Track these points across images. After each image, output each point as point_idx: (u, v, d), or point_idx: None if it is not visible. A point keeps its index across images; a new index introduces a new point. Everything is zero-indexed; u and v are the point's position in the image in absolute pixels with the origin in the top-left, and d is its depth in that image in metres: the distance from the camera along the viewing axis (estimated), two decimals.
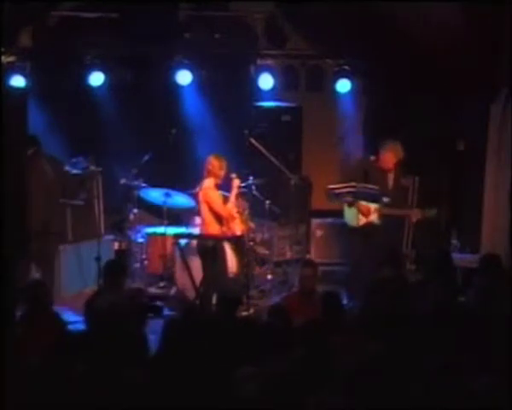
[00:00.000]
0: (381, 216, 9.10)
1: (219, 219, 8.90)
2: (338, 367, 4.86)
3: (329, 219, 10.60)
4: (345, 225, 9.39)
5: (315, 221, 10.86)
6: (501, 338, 5.48)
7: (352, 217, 9.15)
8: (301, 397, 4.54)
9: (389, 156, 9.09)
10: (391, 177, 9.15)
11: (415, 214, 9.14)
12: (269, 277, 10.29)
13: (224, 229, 8.97)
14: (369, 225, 9.11)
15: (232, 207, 9.02)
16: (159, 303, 9.21)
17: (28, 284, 7.28)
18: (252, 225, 9.71)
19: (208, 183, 8.89)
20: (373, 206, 9.09)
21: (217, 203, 8.87)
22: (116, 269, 7.56)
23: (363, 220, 9.12)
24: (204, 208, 8.92)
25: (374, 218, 9.11)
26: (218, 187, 8.98)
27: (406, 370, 4.93)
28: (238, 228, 9.23)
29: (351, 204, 9.13)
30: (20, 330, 6.53)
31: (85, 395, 4.81)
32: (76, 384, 4.91)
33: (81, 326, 8.32)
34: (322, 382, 4.74)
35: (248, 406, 4.57)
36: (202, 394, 4.79)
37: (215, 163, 8.88)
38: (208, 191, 8.88)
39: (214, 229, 8.91)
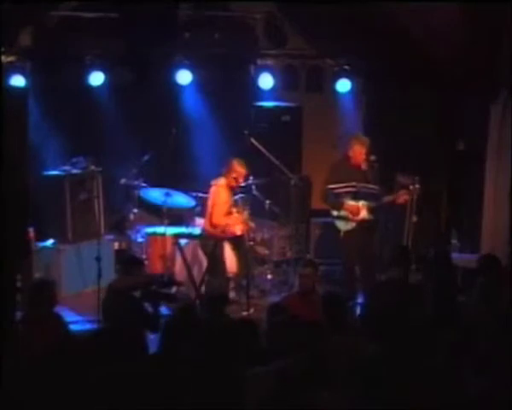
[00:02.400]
0: (372, 211, 9.09)
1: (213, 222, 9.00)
2: (338, 367, 4.86)
3: (329, 219, 10.58)
4: (335, 227, 9.36)
5: (315, 221, 10.86)
6: (501, 338, 5.49)
7: (342, 221, 9.15)
8: (301, 397, 4.54)
9: (359, 149, 9.07)
10: (366, 171, 9.11)
11: (401, 196, 9.12)
12: (269, 277, 10.30)
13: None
14: (364, 222, 9.10)
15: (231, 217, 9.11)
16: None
17: (33, 284, 7.27)
18: (252, 225, 9.71)
19: (222, 181, 9.05)
20: (360, 203, 9.09)
21: (218, 207, 8.94)
22: (129, 259, 7.78)
23: (354, 221, 9.11)
24: (209, 203, 9.00)
25: (364, 214, 9.11)
26: (232, 190, 9.16)
27: (406, 370, 4.93)
28: (238, 228, 9.25)
29: (338, 208, 9.13)
30: (22, 329, 6.55)
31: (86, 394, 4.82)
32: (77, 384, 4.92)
33: (81, 326, 8.43)
34: (321, 382, 4.74)
35: (247, 406, 4.58)
36: (199, 393, 4.80)
37: (236, 167, 9.02)
38: (219, 189, 8.99)
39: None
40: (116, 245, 10.58)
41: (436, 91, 10.05)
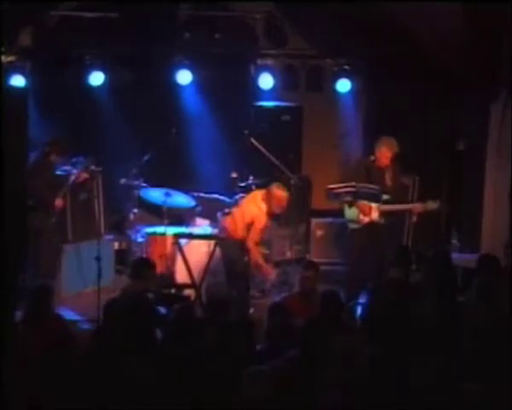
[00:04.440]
0: (383, 214, 9.06)
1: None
2: (338, 367, 4.86)
3: (329, 219, 10.59)
4: (345, 224, 9.35)
5: (315, 221, 10.85)
6: (500, 338, 5.49)
7: (353, 217, 9.12)
8: (300, 397, 4.54)
9: (384, 151, 9.03)
10: (389, 174, 9.08)
11: (417, 208, 9.09)
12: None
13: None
14: (372, 224, 9.08)
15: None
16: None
17: (33, 286, 7.26)
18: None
19: (264, 207, 8.86)
20: (374, 204, 9.06)
21: (256, 233, 8.81)
22: (140, 261, 7.81)
23: (365, 220, 9.08)
24: (245, 217, 8.85)
25: (375, 216, 9.07)
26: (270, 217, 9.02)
27: (406, 370, 4.93)
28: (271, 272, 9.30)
29: (351, 204, 9.10)
30: (22, 329, 6.55)
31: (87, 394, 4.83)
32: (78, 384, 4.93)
33: (81, 326, 8.43)
34: (321, 382, 4.74)
35: (246, 406, 4.58)
36: (199, 393, 4.80)
37: (277, 192, 8.83)
38: (262, 215, 8.83)
39: (242, 235, 8.91)
40: (116, 245, 10.59)
41: (436, 91, 10.04)
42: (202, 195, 10.14)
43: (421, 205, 9.08)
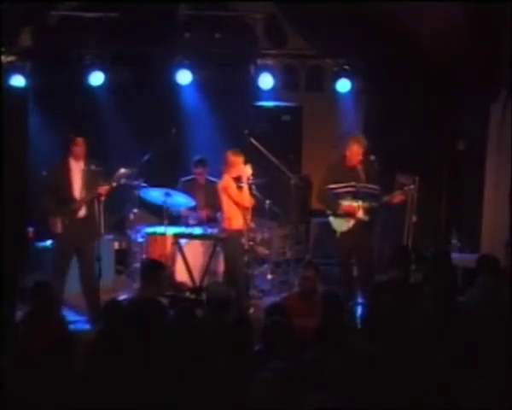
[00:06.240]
0: (368, 211, 9.03)
1: (243, 211, 8.87)
2: (338, 367, 4.86)
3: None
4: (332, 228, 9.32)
5: (315, 221, 10.86)
6: (501, 338, 5.49)
7: (339, 222, 9.11)
8: (300, 397, 4.54)
9: (355, 149, 8.99)
10: (361, 171, 9.05)
11: (396, 197, 9.07)
12: (269, 277, 10.30)
13: (247, 220, 8.93)
14: (359, 223, 9.04)
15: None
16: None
17: (36, 284, 7.24)
18: (252, 224, 9.70)
19: (227, 178, 8.89)
20: (357, 203, 9.03)
21: (239, 195, 8.84)
22: (151, 264, 7.86)
23: (351, 222, 9.06)
24: (227, 203, 8.89)
25: (360, 215, 9.05)
26: (235, 180, 8.97)
27: (406, 370, 4.93)
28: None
29: (335, 209, 9.07)
30: (22, 329, 6.55)
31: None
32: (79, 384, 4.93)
33: (81, 326, 8.43)
34: (321, 382, 4.74)
35: (247, 405, 4.58)
36: (197, 393, 4.81)
37: (232, 158, 8.84)
38: (229, 184, 8.86)
39: (238, 223, 8.88)
40: (116, 245, 10.59)
41: (436, 91, 10.04)
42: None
43: (399, 192, 9.06)
